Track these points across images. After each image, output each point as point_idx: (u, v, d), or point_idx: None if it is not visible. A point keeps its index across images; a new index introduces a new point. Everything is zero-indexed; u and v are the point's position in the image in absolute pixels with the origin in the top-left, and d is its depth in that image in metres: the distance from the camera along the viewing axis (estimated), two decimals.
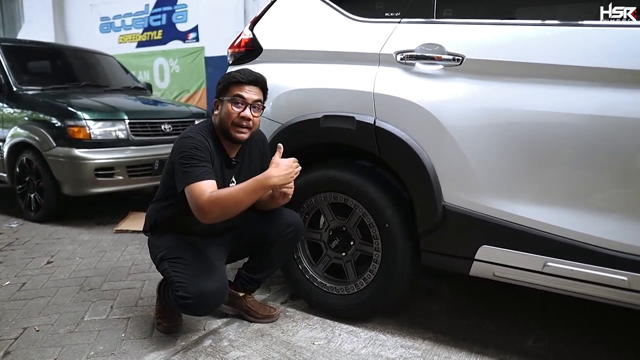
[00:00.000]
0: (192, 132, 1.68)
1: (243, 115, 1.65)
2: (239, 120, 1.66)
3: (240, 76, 1.66)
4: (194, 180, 1.55)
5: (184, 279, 1.62)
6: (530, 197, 1.51)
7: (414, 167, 1.67)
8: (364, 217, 1.82)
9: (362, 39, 1.85)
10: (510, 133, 1.51)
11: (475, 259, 1.62)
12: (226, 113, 1.66)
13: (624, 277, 1.38)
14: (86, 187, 3.35)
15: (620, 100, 1.37)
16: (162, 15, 7.22)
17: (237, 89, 1.66)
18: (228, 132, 1.68)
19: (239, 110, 1.65)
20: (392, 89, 1.72)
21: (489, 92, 1.56)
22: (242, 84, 1.66)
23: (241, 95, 1.65)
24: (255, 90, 1.69)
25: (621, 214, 1.40)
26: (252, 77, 1.67)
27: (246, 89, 1.66)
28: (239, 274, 1.96)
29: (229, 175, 1.78)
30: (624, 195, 1.40)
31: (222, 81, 1.71)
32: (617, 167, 1.38)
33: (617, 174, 1.39)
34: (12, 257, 2.77)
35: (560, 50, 1.46)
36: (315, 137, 1.89)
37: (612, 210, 1.41)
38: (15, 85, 3.78)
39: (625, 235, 1.38)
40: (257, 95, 1.69)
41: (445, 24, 1.70)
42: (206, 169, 1.59)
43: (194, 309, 1.65)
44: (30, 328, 1.88)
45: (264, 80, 1.72)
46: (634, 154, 1.35)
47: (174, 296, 1.64)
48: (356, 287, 1.89)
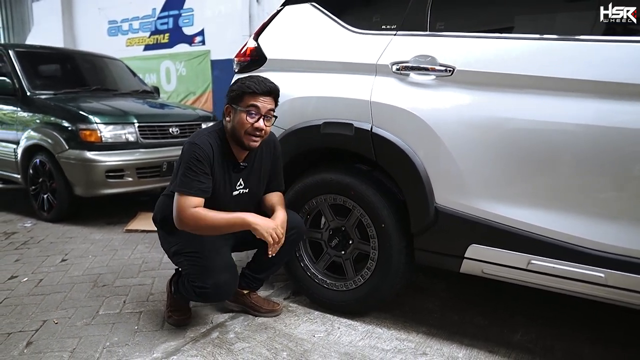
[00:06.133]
0: (200, 138, 1.73)
1: (257, 126, 1.70)
2: (252, 131, 1.70)
3: (255, 87, 1.69)
4: (186, 192, 1.66)
5: (201, 272, 1.75)
6: (515, 199, 1.62)
7: (407, 171, 1.78)
8: (362, 218, 1.94)
9: (360, 50, 1.96)
10: (497, 140, 1.62)
11: (465, 257, 1.73)
12: (239, 122, 1.70)
13: (601, 274, 1.49)
14: (97, 189, 3.49)
15: (595, 108, 1.47)
16: (169, 19, 7.38)
17: (251, 99, 1.70)
18: (240, 140, 1.73)
19: (252, 121, 1.69)
20: (388, 97, 1.83)
21: (477, 101, 1.67)
22: (256, 95, 1.70)
23: (256, 106, 1.69)
24: (268, 100, 1.73)
25: (598, 215, 1.50)
26: (266, 88, 1.71)
27: (260, 99, 1.70)
28: (242, 273, 2.07)
29: (237, 178, 1.84)
30: (600, 198, 1.50)
31: (236, 89, 1.73)
32: (593, 172, 1.48)
33: (593, 178, 1.49)
34: (28, 254, 2.91)
35: (543, 63, 1.57)
36: (315, 142, 2.01)
37: (589, 211, 1.51)
38: (29, 89, 3.92)
39: (602, 235, 1.49)
40: (270, 105, 1.73)
41: (438, 37, 1.81)
42: (201, 184, 1.68)
43: (210, 297, 1.82)
44: (49, 321, 2.01)
45: (277, 90, 1.76)
46: (608, 160, 1.45)
47: (190, 286, 1.78)
48: (354, 284, 2.00)
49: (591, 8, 1.60)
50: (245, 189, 1.88)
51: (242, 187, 1.87)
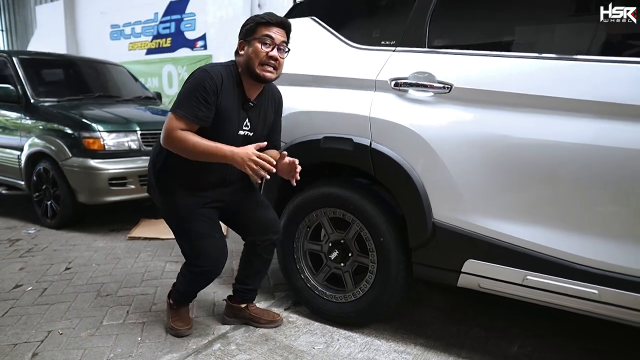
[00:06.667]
0: (213, 67, 1.74)
1: (271, 55, 1.71)
2: (266, 60, 1.72)
3: (268, 17, 1.73)
4: (182, 115, 1.67)
5: (199, 253, 1.87)
6: (510, 215, 1.65)
7: (406, 187, 1.81)
8: (361, 231, 1.97)
9: (360, 65, 1.99)
10: (493, 157, 1.65)
11: (462, 272, 1.76)
12: (254, 52, 1.72)
13: (595, 290, 1.52)
14: (101, 196, 3.53)
15: (591, 128, 1.49)
16: (171, 23, 7.42)
17: (265, 29, 1.72)
18: (254, 71, 1.73)
19: (267, 49, 1.71)
20: (387, 113, 1.86)
21: (475, 118, 1.70)
22: (270, 24, 1.72)
23: (270, 36, 1.72)
24: (281, 32, 1.75)
25: (592, 233, 1.53)
26: (279, 19, 1.75)
27: (274, 29, 1.73)
28: (234, 289, 2.12)
29: (244, 117, 1.83)
30: (593, 216, 1.53)
31: (249, 22, 1.76)
32: (586, 190, 1.51)
33: (586, 197, 1.52)
34: (32, 262, 2.95)
35: (539, 82, 1.59)
36: (316, 156, 2.04)
37: (583, 229, 1.54)
38: (33, 97, 3.96)
39: (595, 252, 1.52)
40: (283, 37, 1.76)
41: (436, 54, 1.84)
42: (200, 111, 1.68)
43: (209, 276, 1.93)
44: (54, 331, 2.05)
45: (289, 25, 1.79)
46: (601, 179, 1.48)
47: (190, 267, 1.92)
48: (354, 296, 2.03)
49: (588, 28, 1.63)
50: (250, 132, 1.86)
51: (248, 129, 1.85)
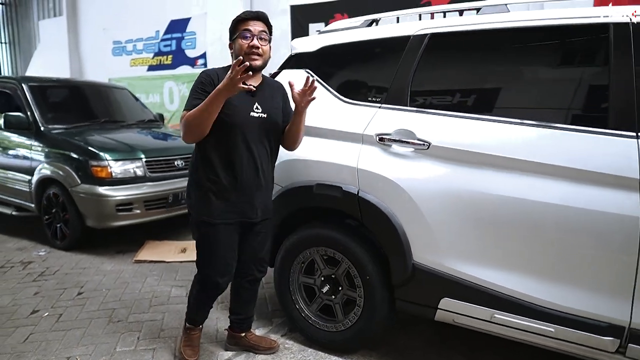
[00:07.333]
0: (209, 68, 2.01)
1: (252, 44, 1.92)
2: (249, 50, 1.93)
3: (244, 14, 1.97)
4: (186, 109, 1.89)
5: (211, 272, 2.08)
6: (480, 260, 1.87)
7: (389, 231, 2.03)
8: (349, 269, 2.19)
9: (349, 119, 2.21)
10: (466, 209, 1.87)
11: (439, 308, 1.98)
12: (239, 47, 1.94)
13: (551, 328, 1.75)
14: (108, 221, 3.75)
15: (548, 188, 1.72)
16: (172, 41, 7.64)
17: (243, 25, 1.94)
18: None
19: (247, 41, 1.93)
20: (372, 165, 2.08)
21: (449, 173, 1.92)
22: (247, 20, 1.95)
23: (248, 29, 1.93)
24: (259, 24, 1.96)
25: (548, 278, 1.75)
26: (253, 14, 1.97)
27: (251, 23, 1.94)
28: (231, 320, 2.34)
29: (252, 101, 1.99)
30: (549, 264, 1.75)
31: (230, 25, 2.00)
32: (545, 243, 1.74)
33: (543, 248, 1.74)
34: (46, 287, 3.16)
35: (510, 145, 1.79)
36: (310, 200, 2.26)
37: (541, 274, 1.76)
38: (42, 124, 4.18)
39: (551, 295, 1.74)
40: (261, 27, 1.96)
41: (416, 113, 2.05)
42: (199, 101, 1.85)
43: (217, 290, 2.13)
44: (72, 357, 2.26)
45: (265, 16, 2.00)
46: (558, 235, 1.71)
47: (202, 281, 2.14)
48: (343, 326, 2.26)
49: (559, 100, 1.84)
50: (263, 114, 2.01)
51: (260, 112, 2.00)
